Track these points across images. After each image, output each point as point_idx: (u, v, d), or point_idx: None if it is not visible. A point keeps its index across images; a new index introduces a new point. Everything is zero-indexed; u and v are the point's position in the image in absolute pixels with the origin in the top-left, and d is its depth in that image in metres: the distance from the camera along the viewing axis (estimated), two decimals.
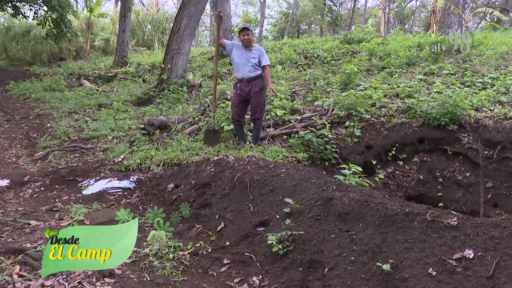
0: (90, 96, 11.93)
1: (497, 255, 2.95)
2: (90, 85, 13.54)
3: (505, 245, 3.01)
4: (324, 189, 4.32)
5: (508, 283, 2.76)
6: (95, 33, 21.33)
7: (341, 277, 3.23)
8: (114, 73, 14.94)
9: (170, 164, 6.32)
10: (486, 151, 7.67)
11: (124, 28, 16.27)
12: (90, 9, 18.52)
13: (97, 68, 15.90)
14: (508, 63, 10.99)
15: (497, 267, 2.86)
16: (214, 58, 7.44)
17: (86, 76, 14.65)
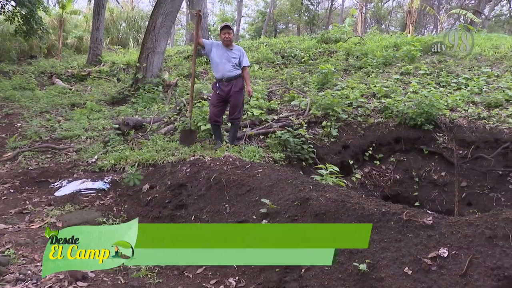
0: (62, 95, 11.72)
1: (470, 253, 3.02)
2: (62, 84, 13.30)
3: (478, 243, 3.09)
4: (301, 189, 4.35)
5: (480, 280, 2.84)
6: (67, 30, 20.96)
7: (318, 277, 3.26)
8: (88, 72, 14.72)
9: (145, 165, 6.27)
10: (460, 151, 7.84)
11: (98, 26, 16.04)
12: (62, 5, 18.18)
13: (70, 66, 15.63)
14: (481, 64, 11.26)
15: (470, 264, 2.93)
16: (192, 57, 7.40)
17: (59, 75, 14.38)
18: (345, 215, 3.72)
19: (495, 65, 11.17)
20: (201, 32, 6.98)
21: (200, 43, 6.63)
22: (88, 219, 4.69)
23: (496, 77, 10.17)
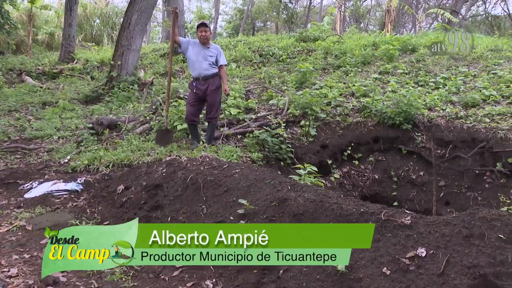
0: (33, 94, 11.51)
1: (448, 253, 3.08)
2: (33, 82, 13.06)
3: (455, 242, 3.15)
4: (279, 190, 4.36)
5: (457, 279, 2.89)
6: (37, 26, 20.59)
7: (296, 278, 3.27)
8: (60, 69, 14.48)
9: (120, 165, 6.21)
10: (438, 150, 7.97)
11: (70, 22, 15.80)
12: (32, 0, 17.86)
13: (40, 63, 15.35)
14: (458, 64, 11.47)
15: (448, 264, 2.98)
16: (168, 55, 7.36)
17: (28, 72, 14.10)
18: (323, 215, 3.75)
19: (472, 65, 11.40)
20: (178, 29, 6.94)
21: (176, 41, 6.59)
22: (60, 222, 4.61)
23: (473, 76, 10.38)
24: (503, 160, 7.28)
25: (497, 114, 8.03)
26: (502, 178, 7.31)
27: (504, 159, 7.27)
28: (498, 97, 8.76)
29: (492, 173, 7.45)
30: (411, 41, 13.73)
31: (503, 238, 3.14)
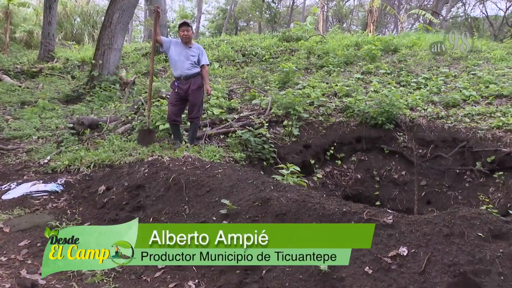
0: (11, 93, 11.33)
1: (429, 251, 3.13)
2: (11, 81, 12.84)
3: (436, 241, 3.20)
4: (262, 190, 4.37)
5: (437, 277, 2.94)
6: (15, 24, 20.27)
7: (279, 278, 3.28)
8: (39, 68, 14.27)
9: (102, 165, 6.16)
10: (420, 150, 8.07)
11: (49, 20, 15.58)
12: None
13: (19, 62, 15.11)
14: (439, 64, 11.62)
15: (428, 262, 3.03)
16: (150, 55, 7.31)
17: (6, 71, 13.85)
18: (306, 215, 3.77)
19: (453, 65, 11.57)
20: (160, 29, 6.91)
21: (158, 40, 6.56)
22: (39, 223, 4.55)
23: (453, 77, 10.53)
24: (483, 160, 7.40)
25: (476, 114, 8.17)
26: (482, 177, 7.43)
27: (484, 158, 7.39)
28: (477, 97, 8.91)
29: (472, 172, 7.57)
30: (393, 41, 13.86)
31: (482, 236, 3.21)
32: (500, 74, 10.27)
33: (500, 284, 2.86)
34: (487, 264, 2.99)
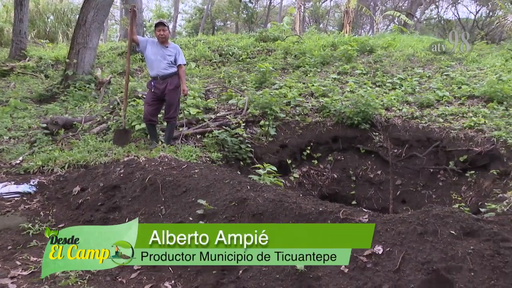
0: None
1: (403, 250, 3.17)
2: None
3: (410, 239, 3.25)
4: (238, 190, 4.37)
5: (412, 275, 2.99)
6: None
7: (256, 278, 3.28)
8: (11, 67, 13.95)
9: (76, 166, 6.06)
10: (395, 150, 8.18)
11: (21, 17, 15.24)
12: None
13: None
14: (414, 65, 11.80)
15: (403, 260, 3.07)
16: (126, 54, 7.24)
17: None
18: (283, 215, 3.78)
19: (427, 66, 11.76)
20: (136, 28, 6.85)
21: (134, 40, 6.50)
22: (10, 225, 4.45)
23: (427, 77, 10.71)
24: (455, 159, 7.55)
25: (449, 114, 8.33)
26: (454, 176, 7.58)
27: (456, 157, 7.54)
28: (450, 97, 9.08)
29: (445, 172, 7.71)
30: (369, 42, 14.01)
31: (454, 234, 3.27)
32: (471, 75, 10.50)
33: (470, 280, 2.92)
34: (459, 261, 3.05)
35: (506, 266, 3.00)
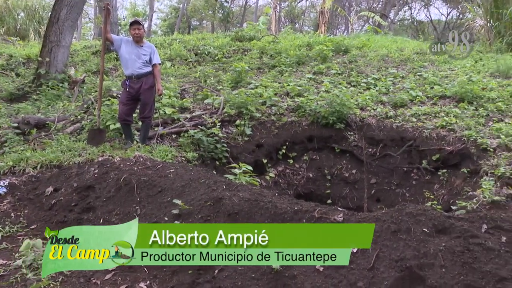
0: None
1: (377, 248, 3.21)
2: None
3: (384, 237, 3.29)
4: (214, 189, 4.37)
5: (385, 272, 3.03)
6: None
7: (232, 278, 3.28)
8: None
9: (49, 166, 5.94)
10: (370, 149, 8.27)
11: None
12: None
13: None
14: (388, 65, 11.96)
15: (377, 258, 3.11)
16: (101, 53, 7.14)
17: None
18: (258, 214, 3.79)
19: (400, 66, 11.93)
20: (111, 26, 6.77)
21: (108, 38, 6.42)
22: None
23: (401, 78, 10.86)
24: (428, 158, 7.67)
25: (422, 114, 8.46)
26: (427, 175, 7.70)
27: (429, 156, 7.66)
28: (423, 97, 9.23)
29: (418, 170, 7.83)
30: (344, 42, 14.13)
31: (427, 231, 3.33)
32: (443, 76, 10.68)
33: (442, 276, 2.98)
34: (431, 258, 3.11)
35: (475, 261, 3.07)
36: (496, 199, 5.25)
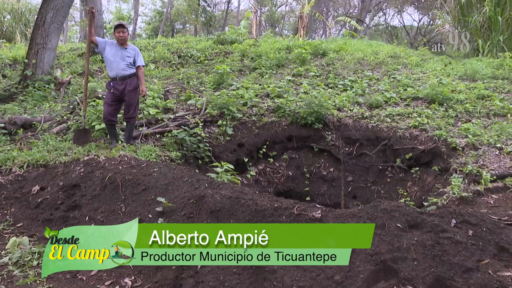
0: None
1: None
2: None
3: None
4: (197, 187, 4.35)
5: (361, 266, 3.06)
6: None
7: (214, 272, 3.27)
8: None
9: (36, 166, 5.85)
10: (346, 148, 8.34)
11: None
12: None
13: None
14: (364, 68, 12.06)
15: (353, 253, 3.13)
16: (85, 55, 7.05)
17: None
18: (240, 211, 3.79)
19: (375, 69, 12.04)
20: (96, 29, 6.71)
21: (93, 40, 6.37)
22: None
23: (376, 80, 10.96)
24: (402, 157, 7.77)
25: (396, 114, 8.56)
26: (401, 172, 7.80)
27: (403, 155, 7.76)
28: (397, 99, 9.33)
29: (392, 168, 7.92)
30: (322, 45, 14.19)
31: (400, 226, 3.37)
32: (416, 78, 10.82)
33: (414, 269, 3.03)
34: (404, 252, 3.15)
35: (444, 254, 3.12)
36: (464, 195, 5.35)
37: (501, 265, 3.08)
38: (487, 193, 5.39)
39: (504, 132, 7.28)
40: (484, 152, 6.65)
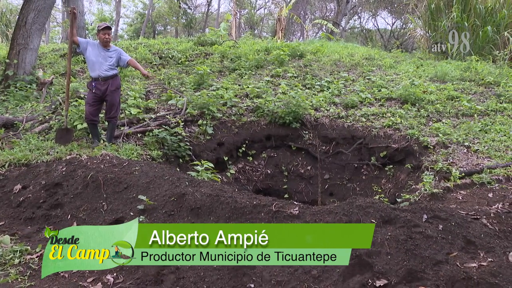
0: None
1: None
2: None
3: None
4: (177, 185, 4.33)
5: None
6: None
7: (194, 268, 3.27)
8: None
9: (17, 165, 5.74)
10: (323, 147, 8.39)
11: None
12: None
13: None
14: (340, 69, 12.15)
15: None
16: (67, 55, 6.95)
17: None
18: (219, 209, 3.78)
19: (351, 70, 12.14)
20: (78, 30, 6.62)
21: (74, 41, 6.29)
22: None
23: (352, 81, 11.05)
24: (376, 155, 7.86)
25: (371, 114, 8.64)
26: (376, 170, 7.88)
27: (377, 153, 7.84)
28: (372, 99, 9.43)
29: (368, 166, 8.00)
30: (299, 47, 14.23)
31: (374, 222, 3.40)
32: (389, 80, 10.95)
33: (387, 262, 3.07)
34: (378, 246, 3.19)
35: (416, 248, 3.17)
36: (435, 191, 5.44)
37: (468, 257, 3.15)
38: (456, 189, 5.49)
39: (471, 131, 7.44)
40: (454, 150, 6.78)
